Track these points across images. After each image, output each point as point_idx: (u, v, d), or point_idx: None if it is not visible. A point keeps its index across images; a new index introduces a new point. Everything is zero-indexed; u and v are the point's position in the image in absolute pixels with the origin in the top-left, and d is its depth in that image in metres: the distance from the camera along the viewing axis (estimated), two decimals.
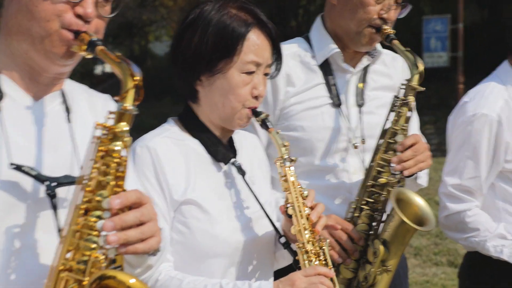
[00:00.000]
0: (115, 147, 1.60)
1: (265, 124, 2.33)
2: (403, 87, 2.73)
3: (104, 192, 1.59)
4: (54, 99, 1.86)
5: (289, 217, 2.29)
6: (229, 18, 2.29)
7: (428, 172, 2.97)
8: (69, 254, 1.60)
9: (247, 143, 2.55)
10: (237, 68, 2.29)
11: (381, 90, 2.98)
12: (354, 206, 2.74)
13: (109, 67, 1.69)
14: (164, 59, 32.51)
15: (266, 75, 2.37)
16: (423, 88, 2.69)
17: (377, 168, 2.70)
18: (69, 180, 1.74)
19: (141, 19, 30.78)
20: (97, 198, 1.59)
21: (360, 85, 2.92)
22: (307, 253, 2.27)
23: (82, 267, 1.58)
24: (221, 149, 2.37)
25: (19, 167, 1.67)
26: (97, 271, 1.57)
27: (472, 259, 3.15)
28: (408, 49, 2.72)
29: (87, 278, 1.57)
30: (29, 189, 1.72)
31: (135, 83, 1.61)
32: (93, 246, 1.57)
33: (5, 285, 1.67)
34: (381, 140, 2.73)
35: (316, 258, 2.28)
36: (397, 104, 2.72)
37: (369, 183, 2.71)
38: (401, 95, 2.73)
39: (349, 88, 2.92)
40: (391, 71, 3.04)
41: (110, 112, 1.62)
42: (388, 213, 2.68)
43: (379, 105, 2.92)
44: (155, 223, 1.64)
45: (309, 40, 2.96)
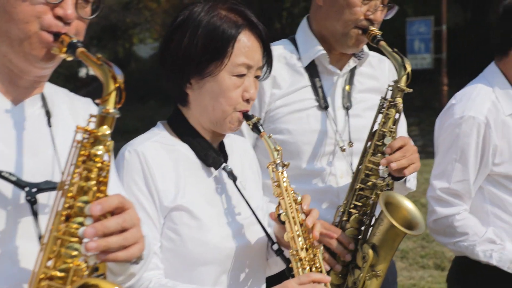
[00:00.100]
0: (97, 151, 1.57)
1: (256, 128, 2.29)
2: (390, 88, 2.71)
3: (86, 198, 1.56)
4: (34, 103, 1.82)
5: (282, 223, 2.25)
6: (219, 19, 2.25)
7: (416, 176, 2.95)
8: (50, 262, 1.57)
9: (237, 147, 2.50)
10: (228, 70, 2.25)
11: (368, 92, 2.95)
12: (342, 210, 2.71)
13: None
14: (148, 62, 32.61)
15: (257, 77, 2.33)
16: (411, 90, 2.67)
17: (366, 171, 2.68)
18: (50, 185, 1.71)
19: (125, 22, 30.84)
20: (79, 204, 1.56)
21: (347, 87, 2.90)
22: (300, 260, 2.23)
23: (64, 275, 1.54)
24: (212, 154, 2.32)
25: None
26: (79, 279, 1.54)
27: (461, 263, 3.13)
28: (395, 50, 2.71)
29: (68, 287, 1.53)
30: (9, 195, 1.69)
31: (117, 85, 1.58)
32: (75, 253, 1.54)
33: None
34: (369, 143, 2.70)
35: (312, 265, 2.24)
36: (384, 106, 2.69)
37: (358, 186, 2.68)
38: (388, 97, 2.70)
39: (335, 91, 2.89)
40: (378, 73, 3.02)
41: (91, 116, 1.60)
42: (376, 217, 2.65)
43: (366, 108, 2.89)
44: (138, 230, 1.61)
45: (295, 42, 2.93)
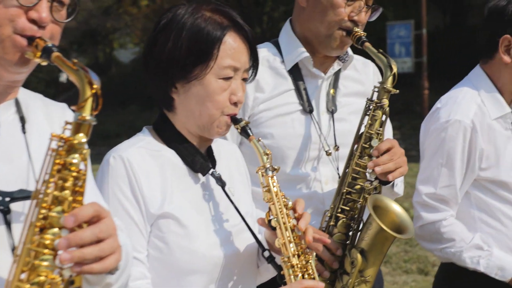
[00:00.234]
0: (73, 160, 1.51)
1: (245, 132, 2.24)
2: (376, 89, 2.66)
3: (60, 208, 1.50)
4: (8, 108, 1.77)
5: (273, 229, 2.19)
6: (203, 21, 2.19)
7: (403, 180, 2.90)
8: (23, 275, 1.50)
9: (225, 151, 2.45)
10: (214, 73, 2.19)
11: (352, 96, 2.90)
12: (329, 215, 2.65)
13: None
14: (129, 67, 32.62)
15: (244, 80, 2.28)
16: (397, 91, 2.63)
17: (353, 174, 2.62)
18: (24, 194, 1.65)
19: (105, 27, 30.82)
20: (53, 215, 1.50)
21: (332, 91, 2.84)
22: (292, 267, 2.16)
23: None
24: (199, 159, 2.26)
25: None
26: None
27: (448, 270, 3.08)
28: (381, 51, 2.66)
29: None
30: None
31: (94, 91, 1.53)
32: (49, 266, 1.48)
33: None
34: (356, 145, 2.65)
35: (305, 272, 2.18)
36: (371, 108, 2.65)
37: (345, 190, 2.63)
38: (375, 98, 2.65)
39: (320, 94, 2.84)
40: (363, 77, 2.97)
41: (66, 123, 1.54)
42: (364, 221, 2.60)
43: (351, 112, 2.85)
44: (114, 240, 1.55)
45: (278, 45, 2.88)
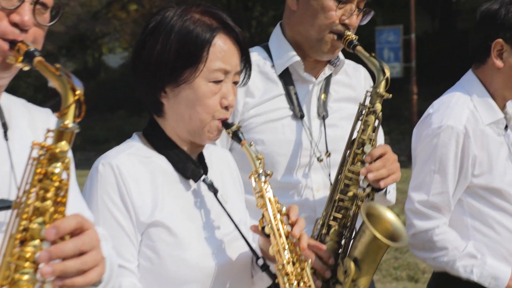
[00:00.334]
0: (54, 169, 1.46)
1: (236, 136, 2.19)
2: (369, 94, 2.61)
3: (41, 219, 1.44)
4: None
5: (267, 236, 2.13)
6: (192, 23, 2.15)
7: (395, 187, 2.85)
8: None
9: (217, 158, 2.39)
10: (204, 76, 2.14)
11: (344, 101, 2.85)
12: (321, 223, 2.59)
13: None
14: (117, 71, 32.59)
15: (236, 83, 2.23)
16: (390, 95, 2.58)
17: (345, 181, 2.56)
18: (5, 204, 1.60)
19: (94, 31, 30.75)
20: (34, 226, 1.44)
21: (323, 96, 2.79)
22: (287, 275, 2.10)
23: None
24: (190, 166, 2.21)
25: None
26: None
27: (440, 279, 3.01)
28: (373, 54, 2.61)
29: None
30: None
31: (76, 98, 1.48)
32: (30, 280, 1.43)
33: None
34: (348, 151, 2.59)
35: (300, 280, 2.12)
36: (363, 113, 2.59)
37: (337, 197, 2.57)
38: (367, 103, 2.60)
39: (311, 99, 2.79)
40: (354, 81, 2.93)
41: (48, 130, 1.48)
42: (357, 229, 2.54)
43: (342, 117, 2.79)
44: (98, 252, 1.50)
45: (268, 49, 2.83)
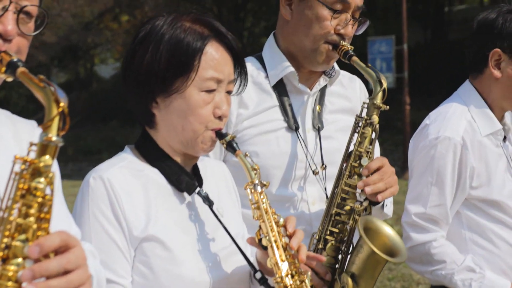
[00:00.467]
0: (38, 184, 1.38)
1: (231, 147, 2.13)
2: (365, 105, 2.55)
3: (24, 237, 1.37)
4: None
5: (264, 248, 2.07)
6: (183, 32, 2.09)
7: (392, 201, 2.78)
8: None
9: (212, 169, 2.33)
10: (196, 86, 2.08)
11: (339, 113, 2.79)
12: (318, 237, 2.51)
13: None
14: (110, 82, 32.53)
15: (229, 93, 2.17)
16: (387, 107, 2.52)
17: (342, 195, 2.49)
18: None
19: (86, 42, 30.67)
20: (17, 244, 1.37)
21: (318, 107, 2.72)
22: None
23: None
24: (184, 178, 2.15)
25: None
26: None
27: None
28: (369, 65, 2.55)
29: None
30: None
31: (60, 110, 1.42)
32: None
33: None
34: (345, 164, 2.52)
35: None
36: (360, 125, 2.53)
37: (334, 211, 2.49)
38: (364, 115, 2.54)
39: (306, 111, 2.72)
40: (349, 92, 2.86)
41: (31, 144, 1.42)
42: (354, 243, 2.46)
43: (338, 129, 2.74)
44: (84, 270, 1.44)
45: (261, 60, 2.77)
